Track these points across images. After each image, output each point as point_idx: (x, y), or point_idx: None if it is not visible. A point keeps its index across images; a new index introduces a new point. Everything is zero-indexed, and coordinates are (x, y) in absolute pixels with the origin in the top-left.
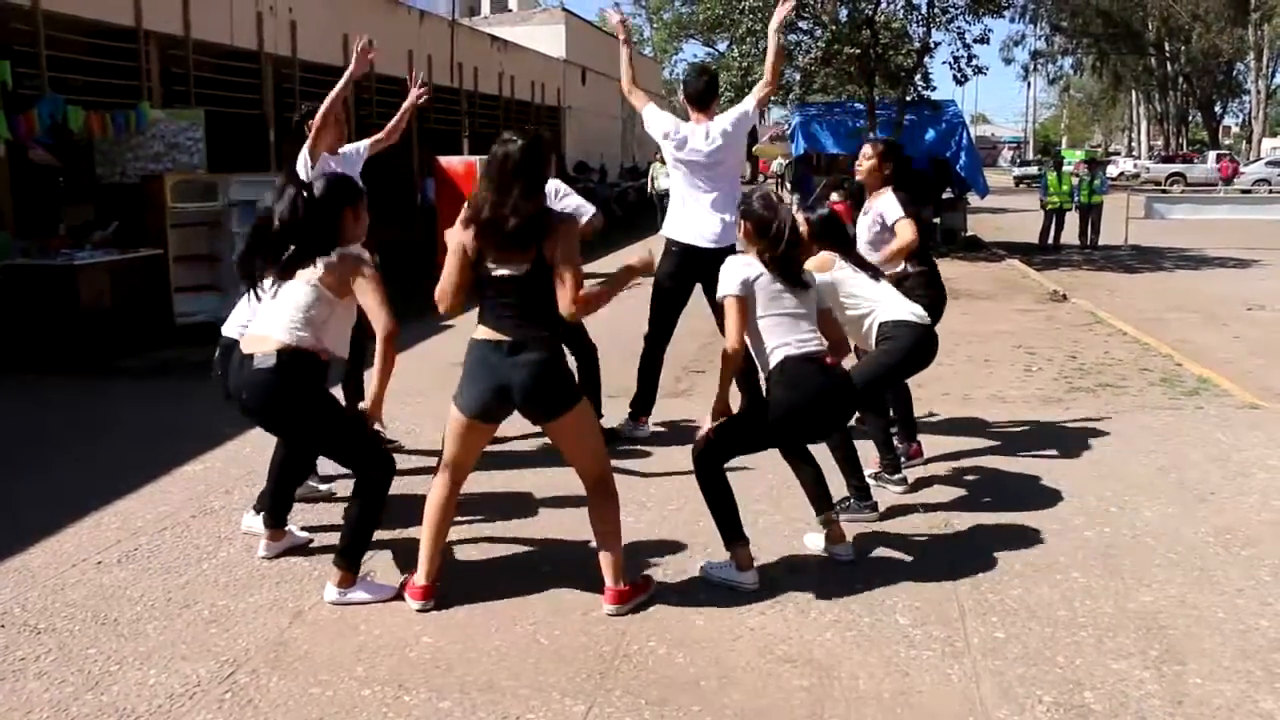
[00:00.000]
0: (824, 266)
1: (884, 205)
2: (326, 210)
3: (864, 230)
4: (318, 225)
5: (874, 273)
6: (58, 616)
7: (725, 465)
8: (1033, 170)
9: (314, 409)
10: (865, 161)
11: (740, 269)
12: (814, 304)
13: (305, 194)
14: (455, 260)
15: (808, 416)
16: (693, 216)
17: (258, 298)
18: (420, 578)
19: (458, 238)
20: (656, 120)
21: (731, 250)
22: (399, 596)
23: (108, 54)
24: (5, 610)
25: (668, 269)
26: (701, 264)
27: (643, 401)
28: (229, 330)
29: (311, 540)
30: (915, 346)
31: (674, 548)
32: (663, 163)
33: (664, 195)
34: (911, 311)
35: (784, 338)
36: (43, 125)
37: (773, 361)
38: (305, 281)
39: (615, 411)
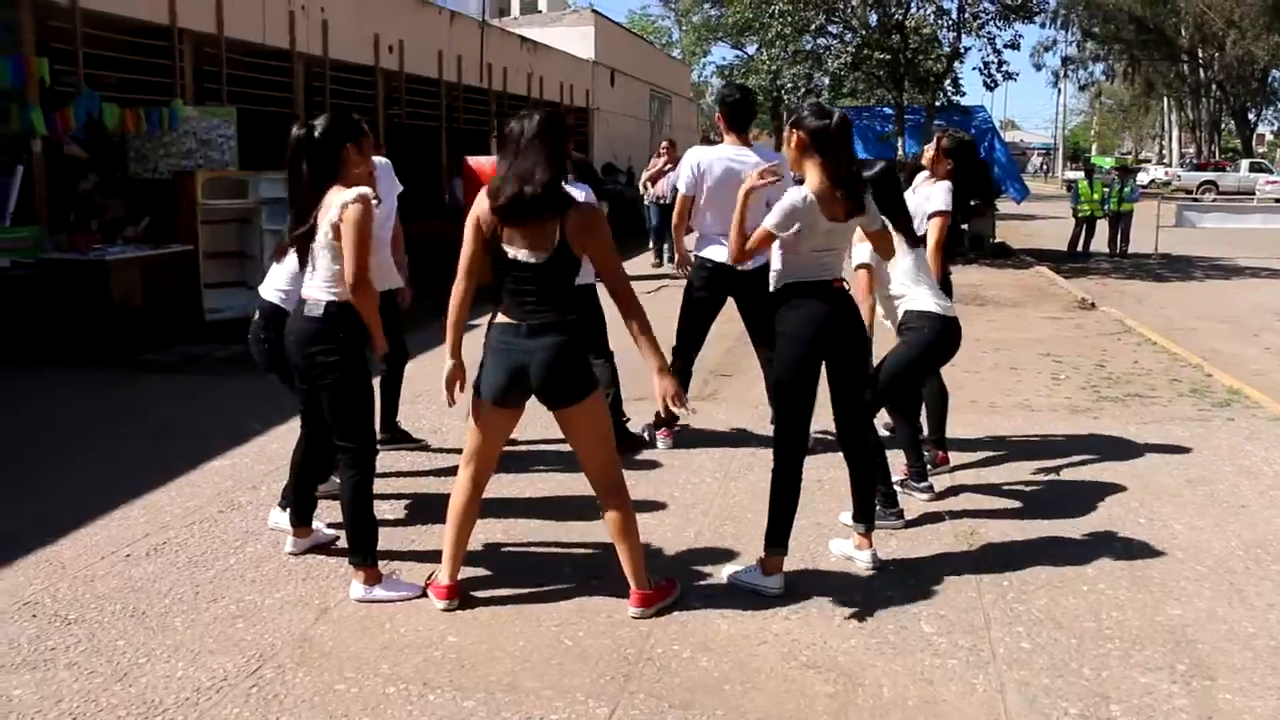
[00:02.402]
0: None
1: (936, 192)
2: (328, 144)
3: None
4: (319, 159)
5: (915, 241)
6: (87, 608)
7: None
8: (1080, 175)
9: (352, 361)
10: (928, 151)
11: (791, 200)
12: (849, 237)
13: (308, 129)
14: (471, 234)
15: (825, 333)
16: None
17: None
18: (444, 576)
19: (474, 212)
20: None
21: (763, 271)
22: (424, 595)
23: (143, 51)
24: (36, 600)
25: (699, 283)
26: (733, 281)
27: (669, 415)
28: (266, 293)
29: (338, 538)
30: (937, 340)
31: (699, 551)
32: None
33: (666, 209)
34: (937, 302)
35: (799, 274)
36: (79, 122)
37: (779, 284)
38: (321, 244)
39: (640, 415)
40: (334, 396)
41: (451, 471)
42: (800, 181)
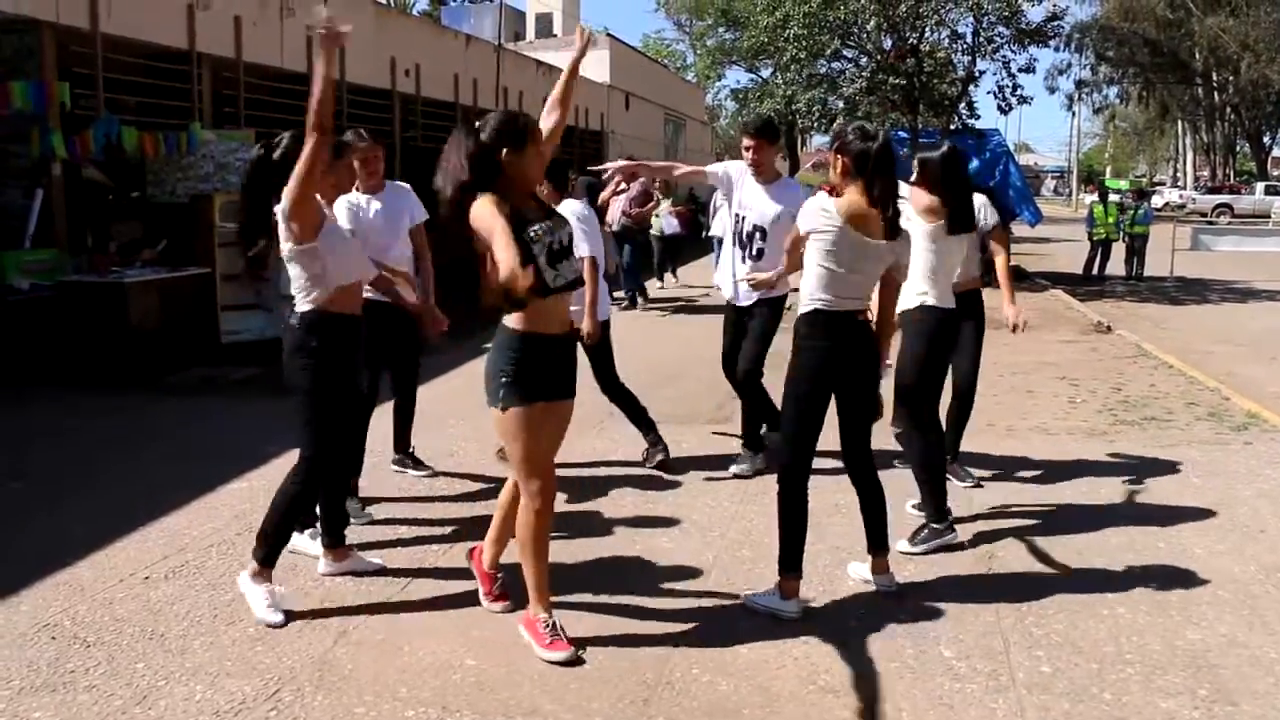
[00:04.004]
0: (937, 213)
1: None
2: (284, 166)
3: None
4: (272, 182)
5: (969, 227)
6: (106, 630)
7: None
8: (1115, 197)
9: (320, 370)
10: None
11: (812, 215)
12: (883, 264)
13: (266, 150)
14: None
15: (838, 370)
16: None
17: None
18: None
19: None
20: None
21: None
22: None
23: (162, 75)
24: (55, 623)
25: (730, 315)
26: (744, 312)
27: (769, 420)
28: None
29: (382, 569)
30: (933, 336)
31: (716, 574)
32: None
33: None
34: (917, 292)
35: (826, 293)
36: (98, 145)
37: (806, 308)
38: (286, 256)
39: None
40: (301, 402)
41: (467, 496)
42: None
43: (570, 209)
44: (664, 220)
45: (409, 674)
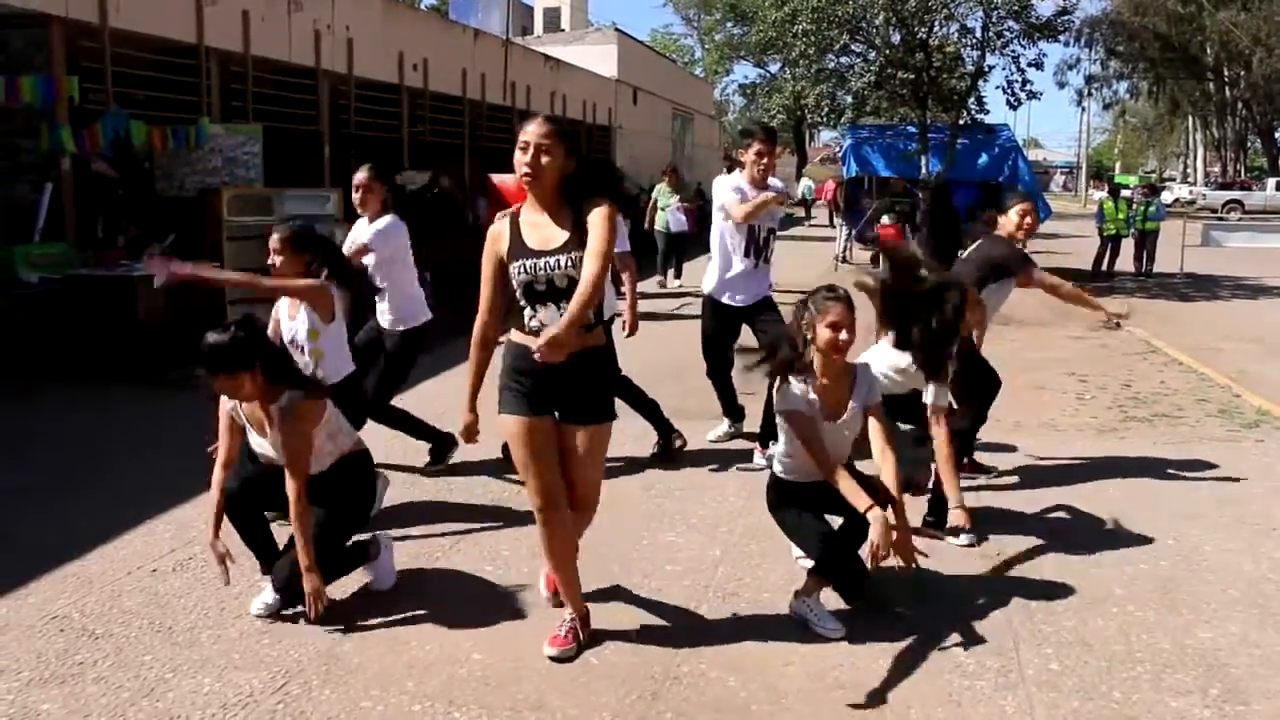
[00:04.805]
0: None
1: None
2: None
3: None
4: None
5: None
6: (114, 622)
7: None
8: (1127, 193)
9: None
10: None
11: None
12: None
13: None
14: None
15: None
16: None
17: None
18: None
19: None
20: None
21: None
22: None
23: (170, 70)
24: (64, 615)
25: (711, 317)
26: (739, 315)
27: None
28: None
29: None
30: None
31: (723, 570)
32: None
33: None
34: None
35: None
36: (106, 140)
37: None
38: None
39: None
40: None
41: (468, 493)
42: None
43: None
44: (670, 216)
45: (416, 668)
